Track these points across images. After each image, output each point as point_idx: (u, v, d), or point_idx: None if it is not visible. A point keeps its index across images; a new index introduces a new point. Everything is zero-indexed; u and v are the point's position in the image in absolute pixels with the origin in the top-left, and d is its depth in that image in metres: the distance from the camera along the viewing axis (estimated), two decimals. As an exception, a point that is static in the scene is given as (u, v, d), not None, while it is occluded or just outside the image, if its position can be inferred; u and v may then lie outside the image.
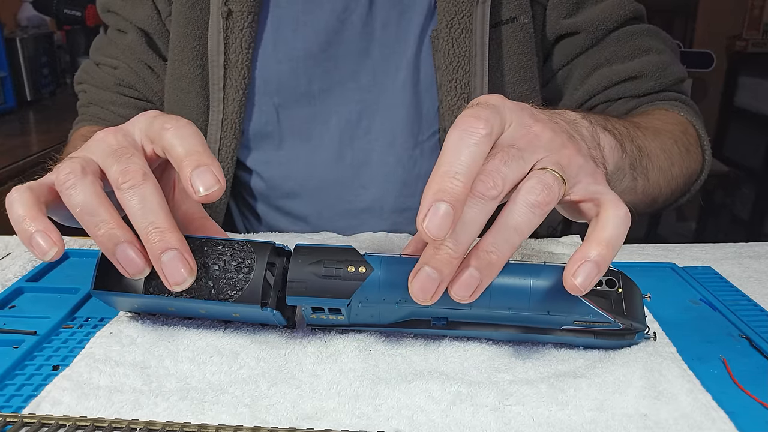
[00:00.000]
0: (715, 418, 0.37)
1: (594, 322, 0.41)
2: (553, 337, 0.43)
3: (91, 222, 0.40)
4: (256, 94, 0.71)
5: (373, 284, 0.41)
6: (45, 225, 0.41)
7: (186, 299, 0.43)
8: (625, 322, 0.41)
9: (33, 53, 1.73)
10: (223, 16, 0.67)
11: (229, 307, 0.43)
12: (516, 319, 0.42)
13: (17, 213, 0.41)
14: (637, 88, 0.72)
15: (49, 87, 1.82)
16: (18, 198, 0.41)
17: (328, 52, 0.70)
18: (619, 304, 0.41)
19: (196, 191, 0.40)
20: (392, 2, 0.69)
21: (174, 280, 0.40)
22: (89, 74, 0.81)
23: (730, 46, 2.43)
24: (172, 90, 0.73)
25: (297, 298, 0.42)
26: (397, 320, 0.43)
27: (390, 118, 0.71)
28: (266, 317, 0.44)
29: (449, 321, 0.43)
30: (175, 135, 0.42)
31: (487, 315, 0.42)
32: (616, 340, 0.43)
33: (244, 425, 0.36)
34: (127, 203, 0.40)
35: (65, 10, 1.80)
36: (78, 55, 1.92)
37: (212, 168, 0.40)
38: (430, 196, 0.36)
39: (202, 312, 0.45)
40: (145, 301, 0.44)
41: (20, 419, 0.36)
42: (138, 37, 0.75)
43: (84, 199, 0.40)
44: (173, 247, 0.40)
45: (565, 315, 0.41)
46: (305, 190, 0.74)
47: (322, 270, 0.42)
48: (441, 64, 0.67)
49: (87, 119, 0.80)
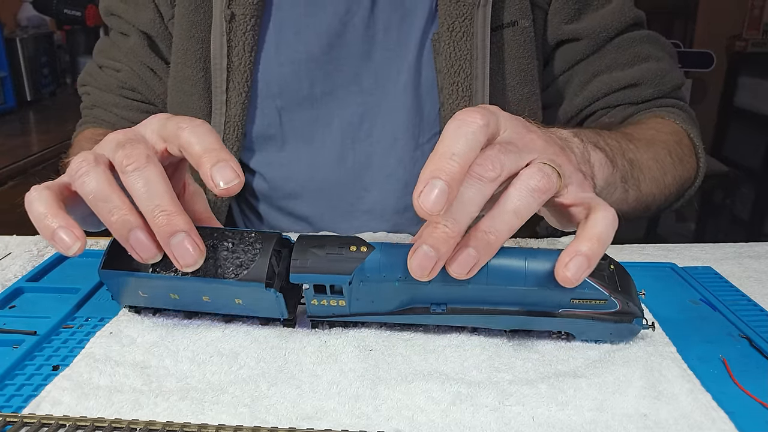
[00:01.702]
0: (715, 418, 0.37)
1: (590, 300, 0.42)
2: (551, 321, 0.43)
3: (105, 208, 0.41)
4: (259, 97, 0.71)
5: (373, 262, 0.43)
6: (66, 221, 0.41)
7: (191, 278, 0.43)
8: (621, 300, 0.42)
9: (33, 53, 1.73)
10: (226, 19, 0.67)
11: (233, 288, 0.43)
12: (513, 298, 0.42)
13: (38, 211, 0.42)
14: (636, 95, 0.73)
15: (49, 87, 1.82)
16: (37, 196, 0.42)
17: (330, 55, 0.70)
18: (613, 280, 0.43)
19: (217, 185, 0.41)
20: (394, 5, 0.69)
21: (185, 261, 0.41)
22: (92, 76, 0.81)
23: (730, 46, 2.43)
24: (175, 93, 0.74)
25: (300, 276, 0.43)
26: (397, 307, 0.44)
27: (391, 121, 0.71)
28: (269, 302, 0.44)
29: (449, 307, 0.44)
30: (191, 133, 0.43)
31: (484, 294, 0.43)
32: (614, 322, 0.43)
33: (244, 425, 0.36)
34: (132, 186, 0.41)
35: (65, 10, 1.80)
36: (78, 55, 1.92)
37: (231, 163, 0.41)
38: (427, 174, 0.37)
39: (205, 300, 0.45)
40: (149, 284, 0.44)
41: (20, 419, 0.36)
42: (140, 40, 0.75)
43: (97, 185, 0.41)
44: (181, 229, 0.41)
45: (561, 291, 0.42)
46: (307, 192, 0.75)
47: (324, 250, 0.43)
48: (442, 67, 0.68)
49: (90, 121, 0.81)
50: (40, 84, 1.77)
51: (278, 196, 0.76)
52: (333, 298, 0.44)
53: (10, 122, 1.60)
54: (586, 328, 0.44)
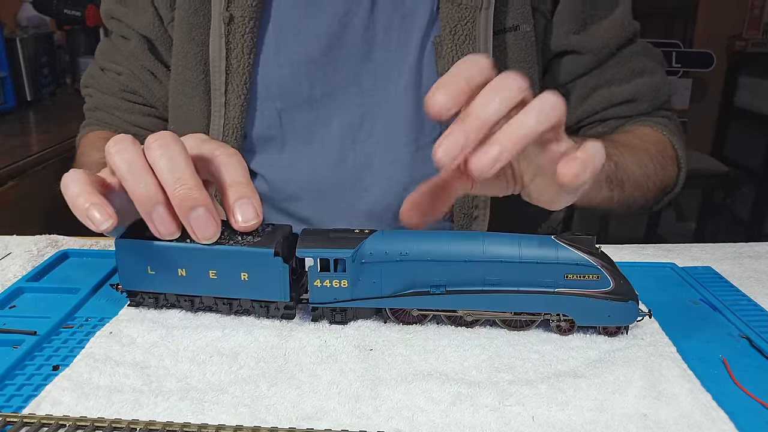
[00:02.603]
0: (715, 418, 0.37)
1: (584, 276, 0.44)
2: (549, 301, 0.44)
3: (134, 180, 0.43)
4: (258, 99, 0.71)
5: (376, 239, 0.45)
6: (100, 199, 0.43)
7: (203, 246, 0.45)
8: (614, 278, 0.43)
9: (33, 53, 1.73)
10: (225, 21, 0.67)
11: (242, 257, 0.45)
12: (509, 275, 0.44)
13: (72, 191, 0.44)
14: (633, 110, 0.75)
15: (49, 87, 1.81)
16: (73, 178, 0.44)
17: (330, 56, 0.70)
18: (604, 259, 0.44)
19: (236, 221, 0.45)
20: (394, 6, 0.69)
21: (203, 234, 0.44)
22: (95, 78, 0.82)
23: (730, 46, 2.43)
24: (176, 95, 0.74)
25: (306, 250, 0.45)
26: (397, 290, 0.45)
27: (392, 122, 0.71)
28: (274, 278, 0.45)
29: (447, 289, 0.45)
30: (224, 161, 0.46)
31: (482, 273, 0.44)
32: (611, 302, 0.44)
33: (244, 425, 0.36)
34: (156, 160, 0.43)
35: (65, 10, 1.80)
36: (78, 55, 1.92)
37: (253, 201, 0.45)
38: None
39: (211, 278, 0.46)
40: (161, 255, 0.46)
41: (20, 419, 0.36)
42: (141, 44, 0.76)
43: (130, 158, 0.44)
44: (201, 204, 0.43)
45: (554, 264, 0.44)
46: (307, 193, 0.75)
47: (330, 233, 0.47)
48: (444, 70, 0.67)
49: (94, 123, 0.82)
50: (40, 84, 1.77)
51: (279, 198, 0.76)
52: (336, 278, 0.45)
53: (10, 122, 1.59)
54: (584, 308, 0.44)
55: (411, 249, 0.45)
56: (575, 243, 0.44)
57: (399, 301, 0.46)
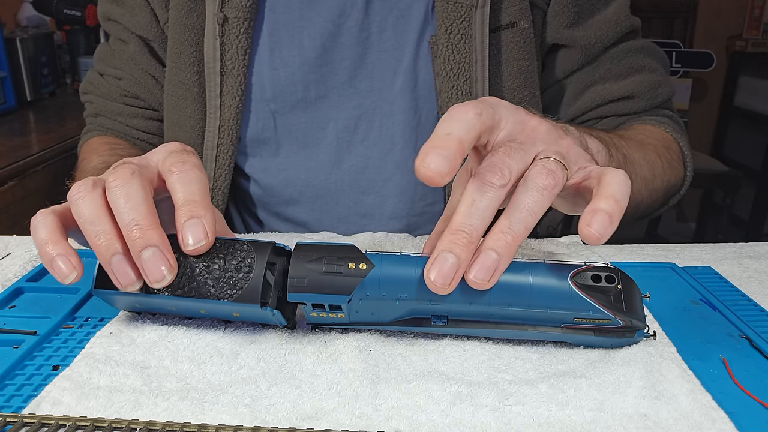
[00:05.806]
0: (715, 418, 0.37)
1: (594, 319, 0.41)
2: (553, 334, 0.43)
3: (93, 231, 0.42)
4: (253, 101, 0.70)
5: (373, 281, 0.41)
6: (65, 249, 0.42)
7: (185, 298, 0.43)
8: (625, 319, 0.42)
9: (33, 53, 1.73)
10: (219, 22, 0.67)
11: (228, 307, 0.43)
12: (516, 316, 0.42)
13: (41, 236, 0.42)
14: (629, 107, 0.74)
15: (49, 87, 1.81)
16: (42, 221, 0.43)
17: (324, 58, 0.69)
18: (619, 300, 0.41)
19: (186, 244, 0.42)
20: (389, 7, 0.69)
21: (153, 277, 0.41)
22: (94, 85, 0.82)
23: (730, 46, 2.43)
24: (170, 96, 0.73)
25: (297, 295, 0.42)
26: (397, 318, 0.43)
27: (388, 124, 0.71)
28: (266, 317, 0.44)
29: (450, 319, 0.43)
30: (178, 179, 0.43)
31: (487, 312, 0.42)
32: (616, 338, 0.43)
33: (244, 425, 0.36)
34: (114, 201, 0.42)
35: (65, 10, 1.80)
36: (78, 55, 1.92)
37: (203, 221, 0.42)
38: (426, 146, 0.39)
39: (202, 312, 0.45)
40: (144, 300, 0.44)
41: (20, 419, 0.36)
42: (140, 47, 0.75)
43: (88, 209, 0.42)
44: (153, 244, 0.41)
45: (565, 311, 0.41)
46: (304, 197, 0.74)
47: (322, 267, 0.42)
48: (441, 70, 0.67)
49: (95, 129, 0.81)
50: (40, 84, 1.77)
51: (275, 201, 0.75)
52: (332, 312, 0.43)
53: (10, 122, 1.59)
54: (588, 342, 0.44)
55: (411, 293, 0.41)
56: (591, 290, 0.41)
57: (398, 328, 0.44)
